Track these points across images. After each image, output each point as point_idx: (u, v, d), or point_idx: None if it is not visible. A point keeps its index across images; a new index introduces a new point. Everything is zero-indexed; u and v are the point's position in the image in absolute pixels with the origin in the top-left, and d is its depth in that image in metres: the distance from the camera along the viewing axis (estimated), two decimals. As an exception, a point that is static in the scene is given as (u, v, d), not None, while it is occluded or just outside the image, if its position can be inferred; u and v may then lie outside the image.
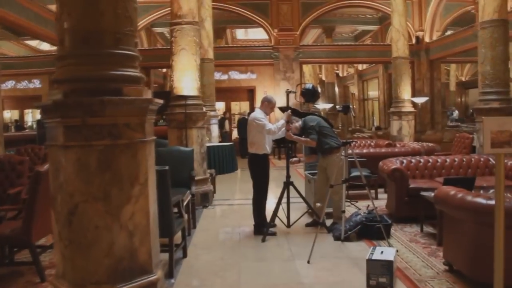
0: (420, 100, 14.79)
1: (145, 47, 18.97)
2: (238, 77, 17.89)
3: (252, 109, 17.11)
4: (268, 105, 5.79)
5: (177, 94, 7.57)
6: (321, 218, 5.12)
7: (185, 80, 7.56)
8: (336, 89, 26.15)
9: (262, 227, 5.62)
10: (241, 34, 24.20)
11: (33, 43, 19.88)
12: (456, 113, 19.20)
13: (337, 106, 6.28)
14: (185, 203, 5.50)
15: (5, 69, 15.08)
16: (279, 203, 5.73)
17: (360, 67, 24.00)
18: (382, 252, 4.01)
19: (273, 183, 8.73)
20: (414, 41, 16.48)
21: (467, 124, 16.50)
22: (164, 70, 20.85)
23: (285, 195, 5.78)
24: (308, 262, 4.54)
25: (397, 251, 4.68)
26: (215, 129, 13.13)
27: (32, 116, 21.48)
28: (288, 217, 5.86)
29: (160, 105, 3.05)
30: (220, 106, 19.91)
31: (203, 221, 6.59)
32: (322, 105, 19.51)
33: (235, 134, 17.93)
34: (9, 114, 20.85)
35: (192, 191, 6.15)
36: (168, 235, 4.28)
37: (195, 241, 5.52)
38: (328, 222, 5.82)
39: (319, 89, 25.64)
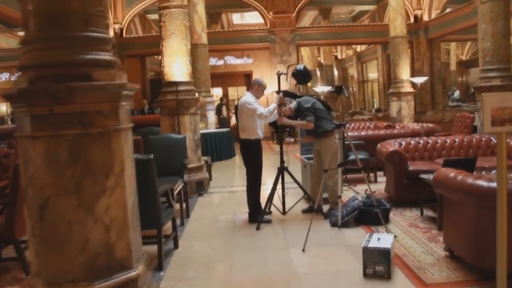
0: (419, 80, 14.50)
1: (140, 34, 18.63)
2: (234, 62, 17.59)
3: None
4: (258, 88, 5.57)
5: (168, 80, 7.35)
6: (316, 204, 4.93)
7: (176, 65, 7.34)
8: (335, 71, 25.81)
9: (257, 215, 5.45)
10: (237, 18, 23.81)
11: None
12: (457, 93, 18.90)
13: (330, 87, 6.05)
14: (176, 192, 5.33)
15: (-1, 61, 14.89)
16: (273, 189, 5.55)
17: (359, 48, 23.63)
18: (379, 239, 3.83)
19: (272, 169, 8.64)
20: (412, 20, 16.14)
21: (468, 103, 16.23)
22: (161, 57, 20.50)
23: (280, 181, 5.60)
24: (303, 250, 4.37)
25: (395, 237, 4.51)
26: (211, 115, 12.90)
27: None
28: (283, 204, 5.69)
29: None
30: (218, 92, 19.69)
31: (197, 210, 6.42)
32: (321, 88, 19.19)
33: (233, 120, 17.70)
34: (5, 107, 20.64)
35: (184, 180, 5.98)
36: (156, 226, 4.11)
37: (188, 231, 5.36)
38: (326, 208, 5.65)
39: (318, 72, 25.35)
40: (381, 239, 3.82)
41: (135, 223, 2.91)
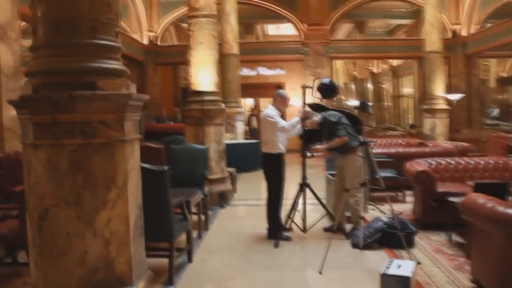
0: (454, 97, 13.95)
1: (175, 43, 18.84)
2: (266, 73, 17.52)
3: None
4: (281, 100, 5.43)
5: (194, 90, 7.30)
6: (336, 223, 4.70)
7: (202, 75, 7.28)
8: (370, 86, 25.38)
9: (276, 231, 5.28)
10: (272, 30, 23.78)
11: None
12: (496, 111, 18.16)
13: (354, 103, 5.83)
14: (194, 204, 5.22)
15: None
16: (293, 206, 5.37)
17: (395, 63, 23.14)
18: (399, 266, 3.59)
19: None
20: (450, 35, 15.66)
21: (509, 122, 15.55)
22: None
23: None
24: (320, 272, 4.16)
25: (419, 263, 4.26)
26: (240, 126, 12.81)
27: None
28: (304, 221, 5.49)
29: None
30: (249, 102, 19.67)
31: (217, 223, 6.30)
32: (354, 102, 18.91)
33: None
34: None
35: (204, 191, 5.87)
36: (167, 240, 4.00)
37: (205, 245, 5.23)
38: (349, 228, 5.42)
39: (353, 86, 24.97)
40: (402, 266, 3.58)
41: (138, 238, 2.80)
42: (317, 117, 5.46)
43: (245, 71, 17.16)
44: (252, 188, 9.25)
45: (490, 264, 3.38)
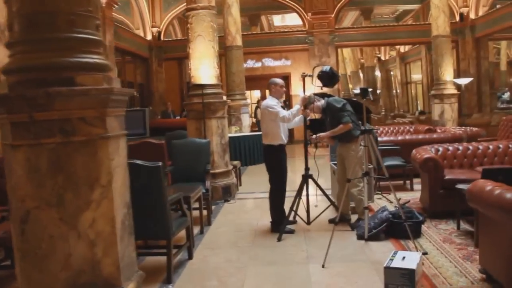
0: (463, 81, 13.66)
1: (179, 37, 18.71)
2: (272, 64, 17.32)
3: (287, 96, 16.55)
4: (275, 88, 5.30)
5: (194, 83, 7.19)
6: (338, 214, 4.56)
7: (203, 68, 7.17)
8: (378, 73, 25.04)
9: (280, 224, 5.16)
10: (278, 20, 23.54)
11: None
12: (507, 94, 17.80)
13: (354, 90, 5.67)
14: (195, 199, 5.12)
15: None
16: (296, 198, 5.24)
17: (402, 49, 22.79)
18: (404, 257, 3.45)
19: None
20: (458, 18, 15.31)
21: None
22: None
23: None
24: (323, 266, 4.05)
25: (426, 253, 4.13)
26: (246, 118, 12.68)
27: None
28: (308, 213, 5.37)
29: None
30: (257, 94, 19.53)
31: (220, 217, 6.21)
32: (355, 91, 18.56)
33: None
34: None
35: (206, 186, 5.78)
36: (164, 237, 3.91)
37: (206, 240, 5.14)
38: (354, 218, 5.29)
39: (361, 74, 24.65)
40: (407, 258, 3.45)
41: (127, 237, 2.70)
42: (320, 102, 5.32)
43: (250, 63, 17.01)
44: (258, 181, 9.11)
45: (499, 254, 3.23)
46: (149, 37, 16.39)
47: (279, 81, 5.35)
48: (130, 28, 15.49)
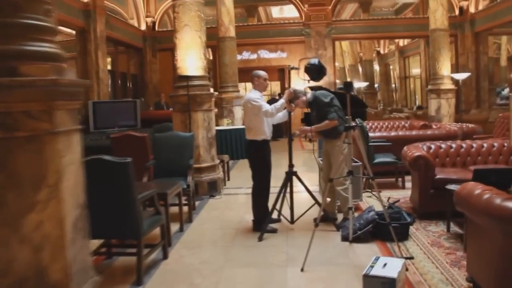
0: (460, 76, 13.39)
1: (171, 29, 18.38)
2: (268, 56, 17.02)
3: (283, 89, 16.30)
4: (258, 80, 5.07)
5: (180, 74, 6.94)
6: (319, 213, 4.34)
7: (189, 59, 6.92)
8: (377, 67, 24.75)
9: (263, 223, 4.95)
10: (276, 12, 23.19)
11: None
12: (507, 90, 17.52)
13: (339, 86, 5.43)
14: (173, 195, 4.89)
15: None
16: (278, 196, 5.03)
17: (401, 43, 22.49)
18: (385, 264, 3.25)
19: (303, 168, 8.57)
20: (457, 12, 15.03)
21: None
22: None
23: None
24: (302, 270, 3.84)
25: (411, 258, 3.92)
26: (238, 111, 12.42)
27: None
28: (291, 212, 5.16)
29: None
30: (250, 87, 19.23)
31: (203, 214, 6.00)
32: (358, 84, 18.32)
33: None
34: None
35: (187, 181, 5.56)
36: (134, 237, 3.70)
37: (184, 239, 4.92)
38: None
39: (360, 68, 24.36)
40: (388, 265, 3.24)
41: (80, 241, 2.49)
42: (305, 96, 5.08)
43: (246, 55, 16.74)
44: (247, 176, 8.77)
45: (487, 263, 3.02)
46: (143, 27, 16.09)
47: (263, 73, 5.11)
48: (124, 18, 15.19)
